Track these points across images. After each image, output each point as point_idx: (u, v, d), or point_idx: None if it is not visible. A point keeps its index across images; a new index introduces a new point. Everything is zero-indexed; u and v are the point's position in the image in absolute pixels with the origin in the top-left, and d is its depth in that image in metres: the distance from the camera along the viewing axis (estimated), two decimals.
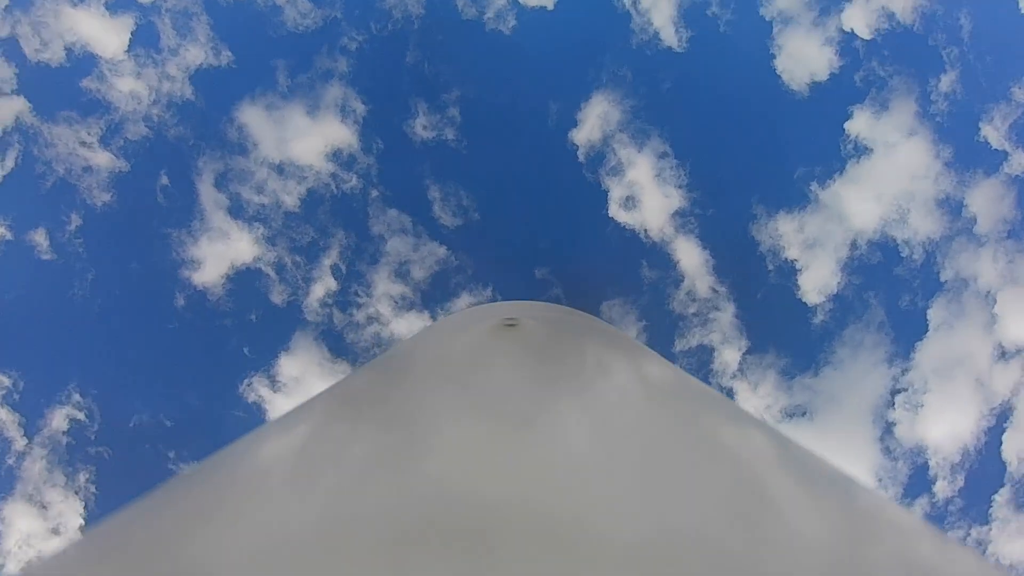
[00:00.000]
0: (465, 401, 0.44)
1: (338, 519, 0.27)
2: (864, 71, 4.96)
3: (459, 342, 0.66)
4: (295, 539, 0.26)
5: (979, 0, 4.83)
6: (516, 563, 0.24)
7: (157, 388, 5.48)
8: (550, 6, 5.43)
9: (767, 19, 5.02)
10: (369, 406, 0.47)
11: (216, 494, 0.34)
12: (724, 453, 0.38)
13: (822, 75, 4.97)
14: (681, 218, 5.08)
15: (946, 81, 4.82)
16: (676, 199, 5.08)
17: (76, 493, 5.18)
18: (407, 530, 0.26)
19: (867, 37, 4.91)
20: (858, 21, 4.93)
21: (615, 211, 5.27)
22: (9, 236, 5.19)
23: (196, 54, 5.26)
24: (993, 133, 4.71)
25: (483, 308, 0.91)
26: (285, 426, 0.46)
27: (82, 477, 5.17)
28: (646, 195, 5.33)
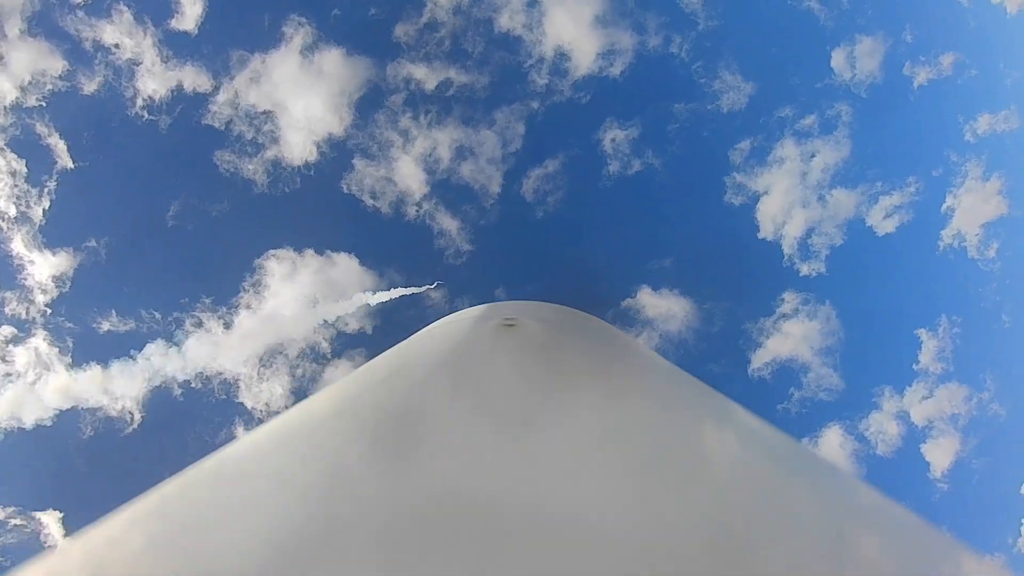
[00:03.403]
0: (465, 401, 0.44)
1: (338, 517, 0.28)
2: None
3: (459, 342, 0.66)
4: (296, 536, 0.27)
5: None
6: (516, 560, 0.24)
7: None
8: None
9: None
10: (369, 406, 0.47)
11: (216, 494, 0.34)
12: (723, 450, 0.39)
13: None
14: None
15: None
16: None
17: None
18: (407, 528, 0.26)
19: None
20: None
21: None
22: None
23: None
24: None
25: (483, 308, 0.90)
26: (286, 425, 0.46)
27: None
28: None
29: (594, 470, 0.32)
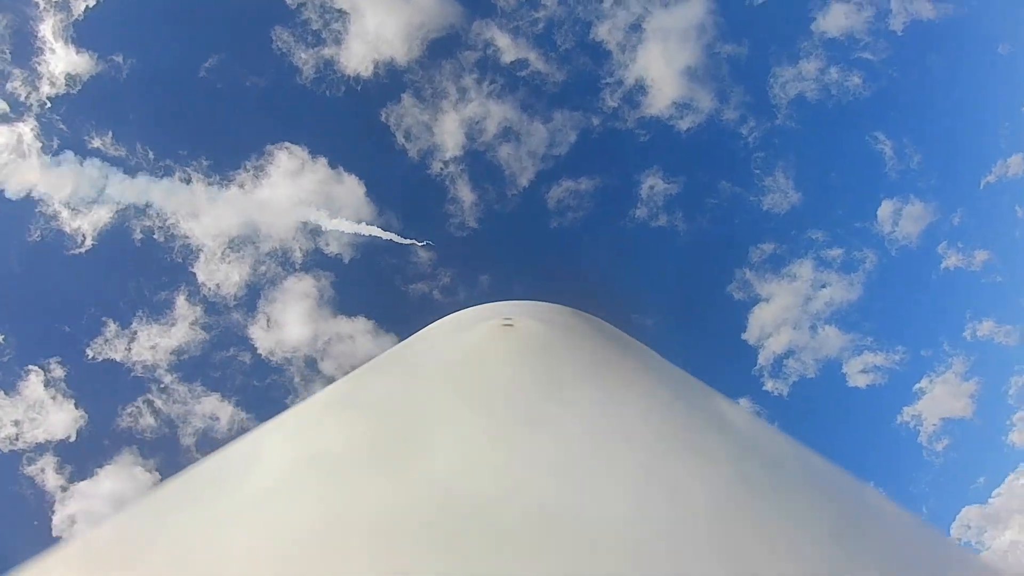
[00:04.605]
0: (465, 401, 0.44)
1: (338, 519, 0.28)
2: None
3: (459, 342, 0.65)
4: (295, 538, 0.27)
5: None
6: (516, 562, 0.24)
7: None
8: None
9: None
10: (369, 406, 0.47)
11: (216, 494, 0.34)
12: (724, 452, 0.39)
13: None
14: None
15: None
16: None
17: None
18: (407, 530, 0.26)
19: None
20: None
21: None
22: None
23: None
24: None
25: (483, 308, 0.89)
26: (285, 425, 0.46)
27: None
28: None
29: (595, 470, 0.32)
